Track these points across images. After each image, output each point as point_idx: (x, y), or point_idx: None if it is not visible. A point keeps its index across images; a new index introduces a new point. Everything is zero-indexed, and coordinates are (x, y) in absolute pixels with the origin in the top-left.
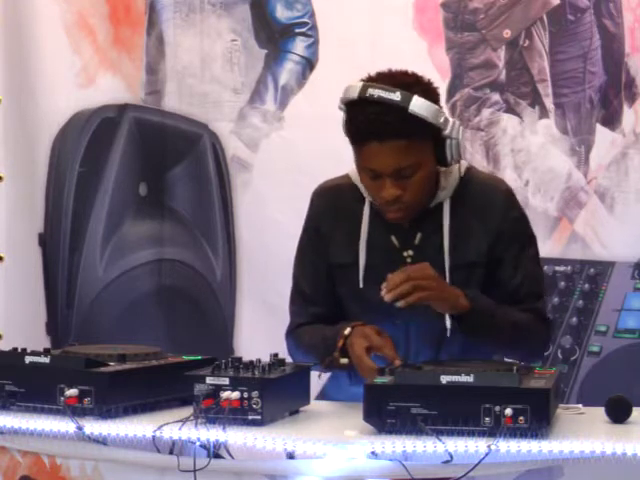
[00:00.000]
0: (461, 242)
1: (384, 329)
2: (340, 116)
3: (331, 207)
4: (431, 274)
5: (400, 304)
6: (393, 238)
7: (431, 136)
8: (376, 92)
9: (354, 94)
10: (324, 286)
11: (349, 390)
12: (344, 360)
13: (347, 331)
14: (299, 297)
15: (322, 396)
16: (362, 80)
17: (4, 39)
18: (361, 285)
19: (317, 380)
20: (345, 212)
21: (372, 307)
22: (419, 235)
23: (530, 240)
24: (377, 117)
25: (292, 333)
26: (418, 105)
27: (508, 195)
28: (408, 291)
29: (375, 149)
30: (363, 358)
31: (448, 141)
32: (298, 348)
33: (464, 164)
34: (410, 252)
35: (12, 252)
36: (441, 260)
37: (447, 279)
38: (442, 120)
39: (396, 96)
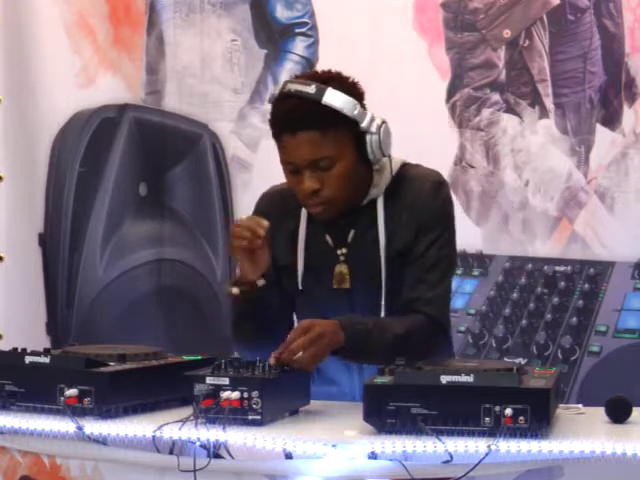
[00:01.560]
0: (394, 236)
1: None
2: None
3: (272, 211)
4: (313, 337)
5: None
6: (327, 237)
7: (350, 130)
8: (293, 86)
9: (276, 91)
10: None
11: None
12: (234, 290)
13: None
14: None
15: None
16: (289, 79)
17: (4, 39)
18: (300, 287)
19: None
20: (285, 215)
21: (312, 307)
22: (352, 233)
23: (442, 232)
24: (290, 109)
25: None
26: (332, 97)
27: (434, 186)
28: (299, 363)
29: (290, 141)
30: (237, 230)
31: (368, 136)
32: (233, 318)
33: (398, 161)
34: (344, 250)
35: (12, 252)
36: (376, 255)
37: (383, 273)
38: (356, 112)
39: (311, 89)
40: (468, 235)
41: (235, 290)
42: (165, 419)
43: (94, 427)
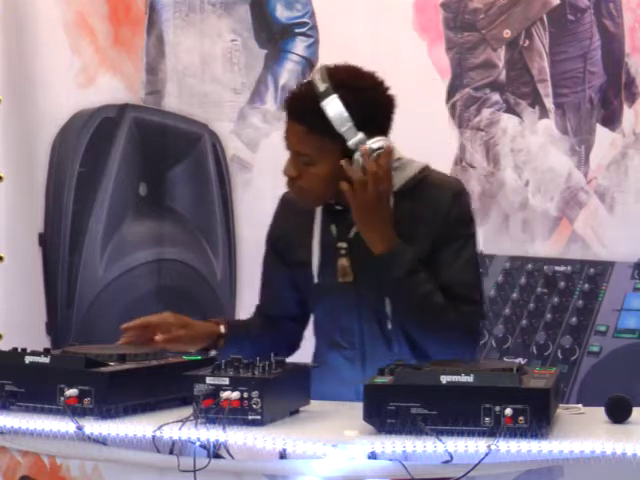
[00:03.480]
0: (404, 236)
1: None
2: None
3: (291, 208)
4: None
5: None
6: (333, 227)
7: (339, 142)
8: (317, 75)
9: (312, 74)
10: (275, 291)
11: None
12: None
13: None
14: (261, 287)
15: None
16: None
17: (4, 39)
18: (316, 280)
19: None
20: (301, 213)
21: (322, 301)
22: (354, 229)
23: (466, 242)
24: (294, 95)
25: None
26: (330, 105)
27: (456, 195)
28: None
29: (287, 123)
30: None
31: (356, 155)
32: None
33: (419, 164)
34: (344, 244)
35: (12, 252)
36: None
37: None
38: (344, 130)
39: (322, 86)
40: None
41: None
42: (165, 419)
43: (94, 427)
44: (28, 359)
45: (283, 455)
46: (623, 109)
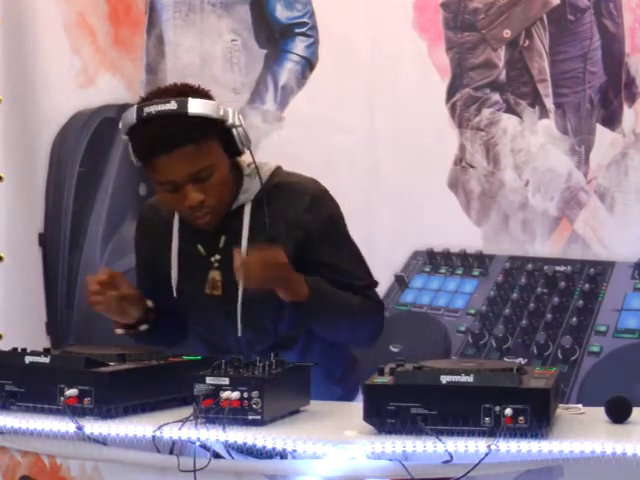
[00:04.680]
0: (264, 243)
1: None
2: (340, 116)
3: (147, 223)
4: (283, 261)
5: (245, 285)
6: (199, 246)
7: (217, 133)
8: (152, 108)
9: (132, 118)
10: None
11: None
12: (119, 330)
13: None
14: None
15: None
16: (137, 103)
17: (4, 39)
18: (174, 294)
19: None
20: (159, 227)
21: (189, 313)
22: (223, 238)
23: (339, 238)
24: (160, 131)
25: None
26: (196, 106)
27: (313, 198)
28: (259, 275)
29: (166, 161)
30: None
31: (234, 130)
32: None
33: (271, 167)
34: (217, 256)
35: (12, 252)
36: None
37: (240, 283)
38: (222, 112)
39: (172, 105)
40: (468, 235)
41: (119, 331)
42: (165, 419)
43: (94, 427)
44: (28, 359)
45: (286, 456)
46: (623, 109)
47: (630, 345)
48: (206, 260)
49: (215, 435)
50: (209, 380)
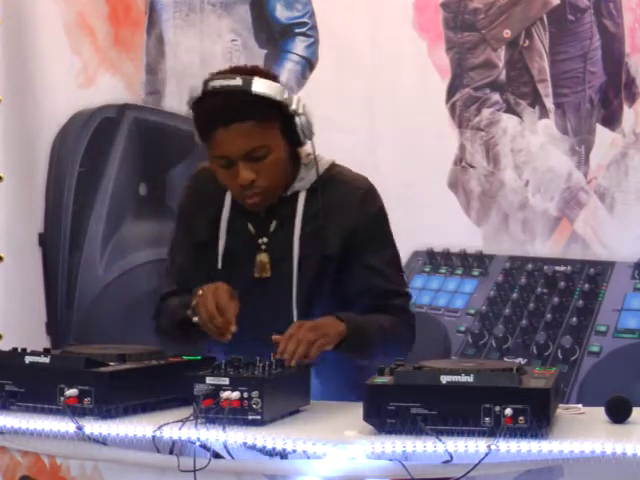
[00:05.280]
0: (314, 234)
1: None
2: (340, 116)
3: (200, 191)
4: (310, 325)
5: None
6: (250, 225)
7: (278, 117)
8: (217, 82)
9: (198, 92)
10: (191, 264)
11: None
12: (196, 318)
13: (200, 291)
14: (170, 268)
15: None
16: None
17: (4, 39)
18: (220, 266)
19: None
20: (210, 198)
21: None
22: (274, 223)
23: (384, 238)
24: (221, 104)
25: (160, 303)
26: (260, 85)
27: (366, 193)
28: (303, 351)
29: (223, 135)
30: (213, 316)
31: (297, 119)
32: (163, 316)
33: (327, 160)
34: (264, 239)
35: (12, 252)
36: (290, 249)
37: (294, 268)
38: (286, 96)
39: (237, 81)
40: (468, 235)
41: (196, 318)
42: (165, 419)
43: (94, 427)
44: (28, 359)
45: (286, 456)
46: (623, 109)
47: (630, 345)
48: (254, 241)
49: (215, 435)
50: (209, 380)
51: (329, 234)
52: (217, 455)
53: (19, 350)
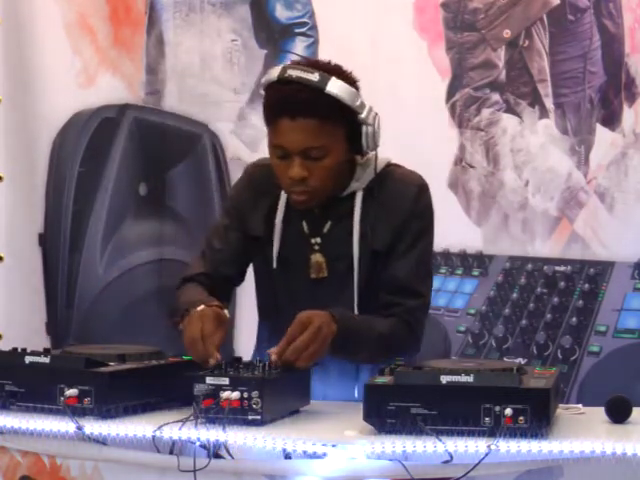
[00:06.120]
0: (371, 232)
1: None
2: None
3: (257, 183)
4: (313, 333)
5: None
6: (304, 223)
7: (345, 122)
8: (295, 72)
9: (274, 76)
10: (233, 250)
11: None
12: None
13: (199, 308)
14: (206, 251)
15: None
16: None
17: (4, 39)
18: (274, 265)
19: None
20: (267, 190)
21: (285, 291)
22: (328, 223)
23: (421, 235)
24: (292, 94)
25: (182, 282)
26: (336, 86)
27: (419, 190)
28: (299, 365)
29: (286, 126)
30: (195, 342)
31: (364, 128)
32: (177, 299)
33: (383, 159)
34: (318, 239)
35: (12, 252)
36: (349, 248)
37: (355, 267)
38: (358, 103)
39: (314, 76)
40: (468, 235)
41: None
42: (165, 419)
43: (94, 427)
44: (28, 359)
45: (289, 455)
46: (623, 109)
47: (630, 345)
48: (307, 241)
49: (215, 435)
50: (209, 380)
51: (380, 230)
52: (217, 455)
53: (19, 350)
